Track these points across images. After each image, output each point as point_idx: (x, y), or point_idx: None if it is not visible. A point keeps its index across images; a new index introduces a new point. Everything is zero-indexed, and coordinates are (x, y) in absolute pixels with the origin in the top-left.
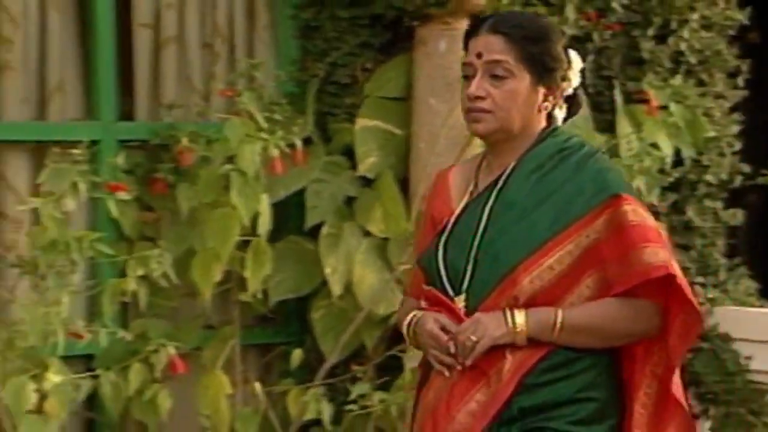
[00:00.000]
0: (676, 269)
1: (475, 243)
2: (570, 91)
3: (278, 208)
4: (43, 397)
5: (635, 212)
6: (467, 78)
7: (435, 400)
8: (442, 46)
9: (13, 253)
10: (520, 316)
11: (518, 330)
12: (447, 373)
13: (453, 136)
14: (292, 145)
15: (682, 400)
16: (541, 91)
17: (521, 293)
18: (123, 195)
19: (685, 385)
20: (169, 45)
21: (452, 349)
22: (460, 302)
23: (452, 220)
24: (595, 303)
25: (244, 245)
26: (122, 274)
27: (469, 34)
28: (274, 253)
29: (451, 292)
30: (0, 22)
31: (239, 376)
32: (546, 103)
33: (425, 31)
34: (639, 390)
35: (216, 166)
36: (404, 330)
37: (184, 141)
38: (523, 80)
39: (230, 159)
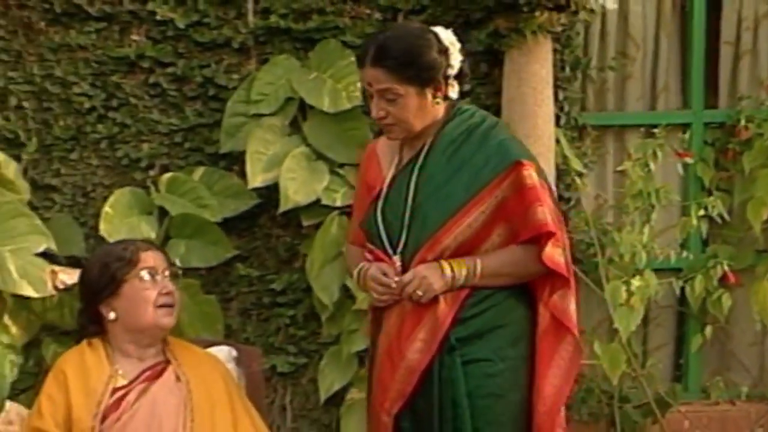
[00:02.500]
0: (554, 226)
1: (407, 210)
2: (455, 71)
3: None
4: (630, 294)
5: (531, 176)
6: (370, 97)
7: (388, 344)
8: None
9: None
10: (452, 269)
11: (452, 280)
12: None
13: None
14: None
15: (572, 324)
16: (429, 92)
17: (446, 248)
18: (688, 159)
19: None
20: (745, 56)
21: (395, 295)
22: (397, 260)
23: (385, 188)
24: (503, 251)
25: None
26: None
27: (359, 64)
28: None
29: (390, 251)
30: (627, 46)
31: None
32: (437, 99)
33: None
34: (546, 313)
35: (765, 139)
36: (354, 275)
37: (743, 122)
38: (409, 94)
39: None
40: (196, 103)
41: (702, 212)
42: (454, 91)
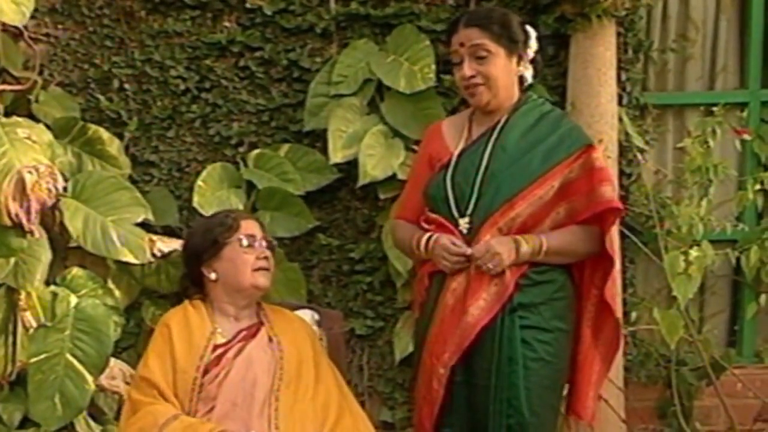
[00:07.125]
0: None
1: (479, 176)
2: (532, 55)
3: None
4: (688, 264)
5: (599, 159)
6: (457, 65)
7: (454, 301)
8: None
9: (674, 174)
10: (523, 245)
11: (521, 255)
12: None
13: None
14: None
15: (615, 309)
16: (514, 59)
17: (518, 216)
18: (746, 136)
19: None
20: None
21: (472, 268)
22: (463, 223)
23: (454, 159)
24: (564, 230)
25: None
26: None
27: (451, 32)
28: None
29: (456, 214)
30: (688, 29)
31: None
32: (520, 68)
33: None
34: (589, 293)
35: None
36: (415, 243)
37: None
38: (499, 55)
39: None
40: (282, 84)
41: (758, 186)
42: (529, 72)
